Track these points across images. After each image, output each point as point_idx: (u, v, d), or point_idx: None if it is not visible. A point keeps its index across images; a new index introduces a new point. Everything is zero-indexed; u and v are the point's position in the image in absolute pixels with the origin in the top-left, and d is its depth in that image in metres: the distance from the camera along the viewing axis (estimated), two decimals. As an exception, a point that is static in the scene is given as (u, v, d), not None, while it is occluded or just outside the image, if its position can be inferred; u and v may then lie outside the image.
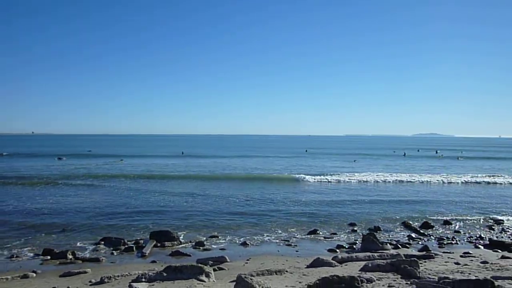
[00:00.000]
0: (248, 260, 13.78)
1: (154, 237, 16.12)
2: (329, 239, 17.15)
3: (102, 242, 15.80)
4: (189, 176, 38.54)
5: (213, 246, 15.78)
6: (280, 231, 18.17)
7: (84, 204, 24.04)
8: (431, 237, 17.67)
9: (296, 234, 17.76)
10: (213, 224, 19.34)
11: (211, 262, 13.07)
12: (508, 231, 18.78)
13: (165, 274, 10.38)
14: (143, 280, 10.20)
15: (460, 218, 21.38)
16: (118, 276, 11.15)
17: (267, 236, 17.38)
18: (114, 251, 14.82)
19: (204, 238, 16.77)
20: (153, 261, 13.75)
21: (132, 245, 15.41)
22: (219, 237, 17.01)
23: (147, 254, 14.60)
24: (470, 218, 21.48)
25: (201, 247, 15.51)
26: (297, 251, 15.24)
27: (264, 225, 19.32)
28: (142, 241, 16.04)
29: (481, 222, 20.64)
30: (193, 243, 16.02)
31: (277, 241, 16.65)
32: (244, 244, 16.05)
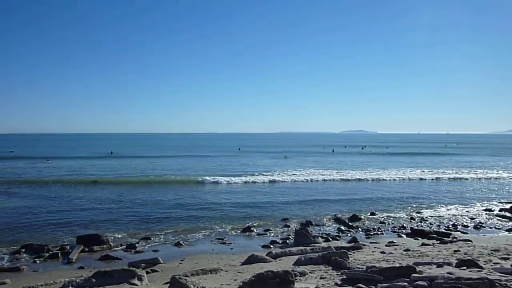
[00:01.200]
0: (182, 260, 13.55)
1: (81, 242, 15.27)
2: (263, 235, 17.37)
3: (23, 250, 14.66)
4: (118, 178, 37.10)
5: (145, 248, 15.30)
6: (214, 230, 18.07)
7: (1, 210, 22.20)
8: (359, 229, 18.55)
9: (230, 232, 17.78)
10: (145, 226, 18.77)
11: (144, 265, 12.66)
12: (427, 220, 20.26)
13: (94, 280, 9.86)
14: (70, 287, 9.62)
15: (385, 210, 22.73)
16: (41, 285, 10.42)
17: (201, 235, 17.21)
18: (36, 259, 13.82)
19: (136, 241, 16.21)
20: (81, 267, 13.03)
21: (57, 251, 14.47)
22: (152, 239, 16.54)
23: (74, 260, 13.79)
24: (393, 209, 22.91)
25: (132, 250, 14.98)
26: (231, 248, 15.25)
27: (198, 224, 19.11)
28: (68, 247, 15.12)
29: (403, 213, 22.05)
30: (124, 246, 15.42)
31: (212, 239, 16.55)
32: (178, 244, 15.75)
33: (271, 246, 15.53)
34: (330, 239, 16.42)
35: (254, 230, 18.12)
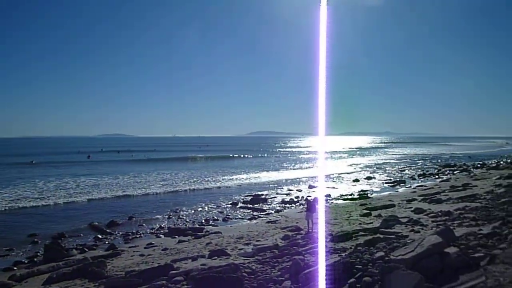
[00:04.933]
0: None
1: None
2: (4, 256, 14.98)
3: None
4: None
5: None
6: None
7: None
8: (118, 234, 18.15)
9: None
10: None
11: None
12: (183, 218, 21.53)
13: None
14: None
15: (144, 213, 22.97)
16: None
17: None
18: None
19: None
20: None
21: None
22: None
23: None
24: (151, 212, 23.36)
25: None
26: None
27: None
28: None
29: (161, 214, 22.73)
30: None
31: None
32: None
33: (15, 267, 13.55)
34: (86, 250, 15.54)
35: (-10, 252, 15.36)
